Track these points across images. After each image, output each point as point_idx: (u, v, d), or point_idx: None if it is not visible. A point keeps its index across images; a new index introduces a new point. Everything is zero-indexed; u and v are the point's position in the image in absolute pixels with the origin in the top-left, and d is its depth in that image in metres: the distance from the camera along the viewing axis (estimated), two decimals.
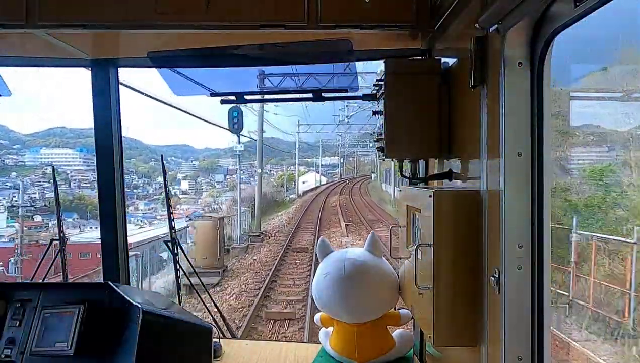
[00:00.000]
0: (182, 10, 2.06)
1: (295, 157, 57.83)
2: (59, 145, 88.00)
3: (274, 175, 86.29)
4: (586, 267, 8.19)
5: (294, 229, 24.85)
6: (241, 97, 2.58)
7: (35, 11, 2.05)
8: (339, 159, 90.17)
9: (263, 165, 30.41)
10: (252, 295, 12.91)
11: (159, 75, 2.80)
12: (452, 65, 1.95)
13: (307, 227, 25.79)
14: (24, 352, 1.96)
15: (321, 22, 2.07)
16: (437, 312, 1.64)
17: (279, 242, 21.13)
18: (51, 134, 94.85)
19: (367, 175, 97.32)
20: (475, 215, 1.61)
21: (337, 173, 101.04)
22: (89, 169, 76.65)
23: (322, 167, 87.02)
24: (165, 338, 2.00)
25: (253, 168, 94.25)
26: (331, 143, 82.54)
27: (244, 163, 36.26)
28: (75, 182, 76.73)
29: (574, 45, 1.73)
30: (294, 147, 56.93)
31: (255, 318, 11.05)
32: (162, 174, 3.01)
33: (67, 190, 67.01)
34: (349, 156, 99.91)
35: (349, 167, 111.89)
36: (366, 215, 30.57)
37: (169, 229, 2.89)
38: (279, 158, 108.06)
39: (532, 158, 1.40)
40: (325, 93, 2.56)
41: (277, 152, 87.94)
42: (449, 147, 1.98)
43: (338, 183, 76.16)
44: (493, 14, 1.37)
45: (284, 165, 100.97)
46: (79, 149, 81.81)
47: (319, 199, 46.46)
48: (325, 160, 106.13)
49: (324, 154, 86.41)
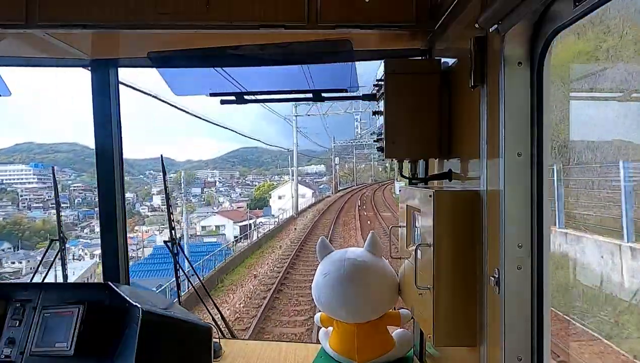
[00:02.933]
0: (182, 10, 2.06)
1: (292, 159, 47.36)
2: (24, 161, 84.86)
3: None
4: None
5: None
6: (241, 97, 2.58)
7: (35, 11, 2.05)
8: (334, 162, 78.76)
9: (243, 176, 26.82)
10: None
11: (159, 75, 2.80)
12: (452, 65, 1.95)
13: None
14: (23, 352, 1.96)
15: (321, 22, 2.07)
16: (436, 312, 1.64)
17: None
18: (17, 151, 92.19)
19: (366, 183, 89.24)
20: (475, 215, 1.61)
21: (325, 181, 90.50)
22: (45, 186, 71.86)
23: (307, 176, 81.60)
24: (165, 338, 2.00)
25: (233, 178, 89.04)
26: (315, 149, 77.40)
27: (224, 174, 33.15)
28: (25, 202, 71.35)
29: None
30: (278, 156, 51.95)
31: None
32: (162, 176, 3.00)
33: (14, 211, 62.18)
34: (345, 158, 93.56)
35: (345, 173, 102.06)
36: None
37: (169, 229, 2.89)
38: (263, 167, 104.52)
39: (532, 158, 1.40)
40: (325, 93, 2.56)
41: (261, 162, 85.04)
42: (449, 147, 1.98)
43: (344, 195, 60.04)
44: (493, 14, 1.37)
45: (267, 175, 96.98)
46: (34, 164, 78.67)
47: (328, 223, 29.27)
48: (311, 168, 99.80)
49: (308, 162, 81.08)
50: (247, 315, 12.82)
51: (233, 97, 2.58)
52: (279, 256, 20.82)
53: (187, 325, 2.13)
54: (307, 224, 31.06)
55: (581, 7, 1.16)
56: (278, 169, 69.21)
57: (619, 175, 7.55)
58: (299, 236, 25.71)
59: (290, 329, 11.52)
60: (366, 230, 22.96)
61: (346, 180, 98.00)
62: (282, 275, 16.23)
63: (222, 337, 2.81)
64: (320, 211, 39.17)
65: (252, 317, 12.51)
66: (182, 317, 2.13)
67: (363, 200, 45.86)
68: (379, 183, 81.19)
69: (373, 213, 32.86)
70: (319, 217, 34.16)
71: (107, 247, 2.77)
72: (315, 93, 2.56)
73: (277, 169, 70.54)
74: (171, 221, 2.92)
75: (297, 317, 12.39)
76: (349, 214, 34.25)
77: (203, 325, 2.19)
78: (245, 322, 12.24)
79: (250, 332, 11.20)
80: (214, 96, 2.62)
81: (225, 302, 14.58)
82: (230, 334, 2.97)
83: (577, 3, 1.17)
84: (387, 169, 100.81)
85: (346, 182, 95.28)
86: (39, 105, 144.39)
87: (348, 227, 27.24)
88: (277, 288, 14.76)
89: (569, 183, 9.35)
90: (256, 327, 11.56)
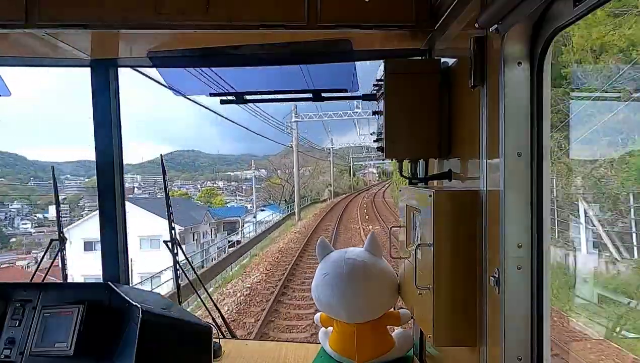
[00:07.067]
0: (182, 10, 2.06)
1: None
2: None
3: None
4: None
5: None
6: (241, 97, 2.58)
7: (35, 11, 2.05)
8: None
9: (171, 181, 21.50)
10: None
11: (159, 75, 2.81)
12: (452, 65, 1.95)
13: None
14: (23, 352, 1.96)
15: (321, 22, 2.07)
16: (436, 312, 1.64)
17: None
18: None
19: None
20: (474, 215, 1.61)
21: (250, 189, 66.87)
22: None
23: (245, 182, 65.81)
24: (165, 338, 2.00)
25: (157, 184, 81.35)
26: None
27: (147, 179, 29.25)
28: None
29: None
30: (215, 160, 45.42)
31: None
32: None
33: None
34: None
35: (307, 183, 66.93)
36: None
37: (169, 229, 2.89)
38: (199, 172, 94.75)
39: (532, 158, 1.40)
40: (325, 93, 2.57)
41: (196, 166, 79.62)
42: (449, 147, 1.98)
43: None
44: (493, 14, 1.37)
45: (200, 180, 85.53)
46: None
47: None
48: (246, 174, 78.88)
49: (247, 166, 68.32)
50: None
51: (233, 97, 2.58)
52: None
53: (187, 325, 2.13)
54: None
55: (581, 7, 1.17)
56: (213, 174, 63.92)
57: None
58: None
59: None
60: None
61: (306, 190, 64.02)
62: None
63: (222, 337, 2.81)
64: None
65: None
66: (182, 317, 2.13)
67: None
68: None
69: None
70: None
71: (107, 247, 2.77)
72: (315, 93, 2.56)
73: (213, 173, 64.95)
74: (171, 221, 2.92)
75: None
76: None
77: (203, 325, 2.19)
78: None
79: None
80: (214, 96, 2.63)
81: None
82: (230, 334, 2.97)
83: (577, 3, 1.17)
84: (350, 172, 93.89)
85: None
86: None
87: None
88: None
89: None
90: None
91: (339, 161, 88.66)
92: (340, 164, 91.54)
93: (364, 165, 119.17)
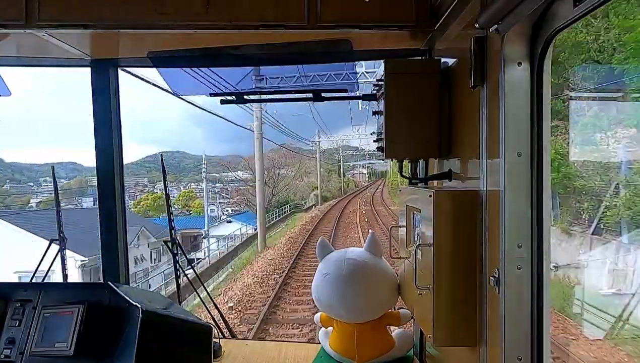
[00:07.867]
0: (182, 10, 2.07)
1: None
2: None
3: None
4: None
5: None
6: (241, 97, 2.59)
7: (35, 11, 2.05)
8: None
9: (153, 183, 17.16)
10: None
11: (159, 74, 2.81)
12: (452, 65, 1.95)
13: None
14: (23, 352, 1.95)
15: (321, 22, 2.07)
16: (436, 312, 1.64)
17: None
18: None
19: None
20: (475, 215, 1.61)
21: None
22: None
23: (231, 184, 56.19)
24: (165, 338, 2.00)
25: (139, 186, 76.36)
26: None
27: (129, 180, 25.39)
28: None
29: None
30: (200, 161, 39.96)
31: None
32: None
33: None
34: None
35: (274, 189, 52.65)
36: None
37: (169, 229, 2.89)
38: (183, 173, 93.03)
39: (532, 158, 1.40)
40: (325, 93, 2.57)
41: (181, 167, 78.21)
42: (449, 147, 1.98)
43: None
44: (493, 14, 1.37)
45: (184, 182, 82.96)
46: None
47: None
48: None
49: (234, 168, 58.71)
50: None
51: (233, 97, 2.58)
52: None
53: (187, 325, 2.13)
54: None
55: (581, 7, 1.17)
56: (198, 176, 61.84)
57: None
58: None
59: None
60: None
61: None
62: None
63: (222, 337, 2.81)
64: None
65: None
66: (182, 317, 2.13)
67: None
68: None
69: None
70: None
71: (107, 246, 2.77)
72: (315, 93, 2.56)
73: (198, 175, 62.96)
74: (171, 221, 2.92)
75: None
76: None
77: (203, 325, 2.19)
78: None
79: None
80: (214, 96, 2.63)
81: None
82: (230, 334, 2.97)
83: (577, 3, 1.17)
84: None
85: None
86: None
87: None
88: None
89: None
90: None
91: (326, 160, 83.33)
92: (327, 163, 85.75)
93: (351, 166, 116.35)
